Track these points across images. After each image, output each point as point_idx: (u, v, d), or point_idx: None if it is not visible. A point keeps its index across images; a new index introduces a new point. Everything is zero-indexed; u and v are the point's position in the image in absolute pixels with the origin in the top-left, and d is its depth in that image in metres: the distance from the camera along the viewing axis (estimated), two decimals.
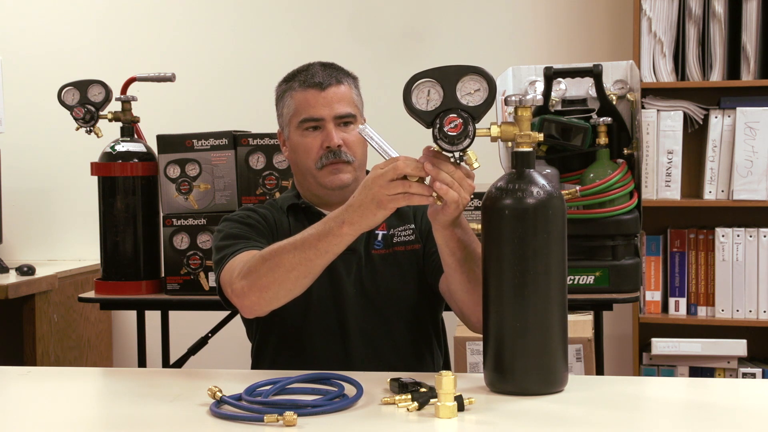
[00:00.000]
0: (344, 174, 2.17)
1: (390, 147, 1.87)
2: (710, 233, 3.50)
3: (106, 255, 3.03)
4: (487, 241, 1.76)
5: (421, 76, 1.82)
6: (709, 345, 3.41)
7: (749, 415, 1.69)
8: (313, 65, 2.23)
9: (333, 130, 2.16)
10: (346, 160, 2.17)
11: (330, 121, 2.17)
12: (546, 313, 1.73)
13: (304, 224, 2.21)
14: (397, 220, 2.23)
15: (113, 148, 3.02)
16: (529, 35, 3.78)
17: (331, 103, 2.17)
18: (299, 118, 2.19)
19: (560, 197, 1.75)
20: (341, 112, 2.17)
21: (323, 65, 2.23)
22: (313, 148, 2.18)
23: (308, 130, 2.19)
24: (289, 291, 1.96)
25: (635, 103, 2.77)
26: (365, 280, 2.19)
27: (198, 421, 1.66)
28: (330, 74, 2.19)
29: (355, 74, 2.26)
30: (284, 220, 2.24)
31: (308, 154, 2.18)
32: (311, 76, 2.19)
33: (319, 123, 2.18)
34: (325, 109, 2.17)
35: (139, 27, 4.01)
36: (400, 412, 1.67)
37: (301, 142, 2.19)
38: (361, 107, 2.25)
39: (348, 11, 3.89)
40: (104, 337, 3.94)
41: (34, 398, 1.90)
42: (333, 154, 2.16)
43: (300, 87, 2.19)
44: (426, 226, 2.21)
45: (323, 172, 2.17)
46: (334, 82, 2.19)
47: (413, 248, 2.21)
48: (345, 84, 2.20)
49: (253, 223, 2.20)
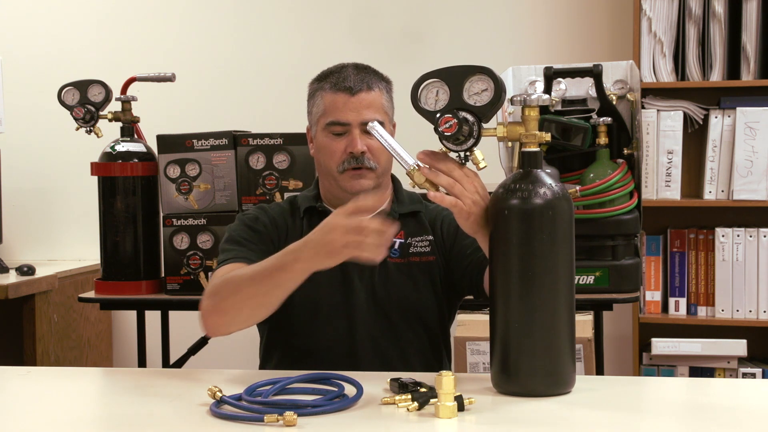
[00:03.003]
0: (365, 180, 2.17)
1: (400, 146, 1.88)
2: (710, 233, 3.50)
3: (106, 255, 3.03)
4: (495, 240, 1.76)
5: (429, 76, 1.83)
6: (709, 345, 3.41)
7: (749, 415, 1.69)
8: (346, 67, 2.22)
9: (358, 136, 2.16)
10: (369, 167, 2.17)
11: (356, 126, 2.17)
12: (553, 314, 1.73)
13: None
14: (416, 229, 2.23)
15: (113, 148, 3.02)
16: (529, 35, 3.78)
17: (359, 108, 2.17)
18: (326, 120, 2.19)
19: (567, 197, 1.75)
20: (368, 118, 2.16)
21: (357, 68, 2.21)
22: (337, 151, 2.18)
23: (334, 133, 2.19)
24: (247, 318, 1.97)
25: (635, 103, 2.77)
26: (377, 287, 2.18)
27: (198, 421, 1.66)
28: (362, 79, 2.18)
29: (388, 78, 2.26)
30: (298, 223, 2.24)
31: (332, 156, 2.18)
32: (343, 80, 2.18)
33: (346, 128, 2.17)
34: (353, 114, 2.17)
35: (139, 27, 4.00)
36: (400, 412, 1.67)
37: (326, 144, 2.19)
38: (391, 113, 2.25)
39: (348, 11, 3.89)
40: (104, 337, 3.94)
41: (34, 398, 1.90)
42: (356, 159, 2.16)
43: (331, 89, 2.19)
44: (448, 238, 2.21)
45: (344, 176, 2.18)
46: (365, 87, 2.18)
47: (428, 260, 2.21)
48: (376, 89, 2.19)
49: (261, 228, 2.20)
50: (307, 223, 2.23)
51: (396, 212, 2.23)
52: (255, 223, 2.21)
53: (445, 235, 2.23)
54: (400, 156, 1.88)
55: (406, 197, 2.28)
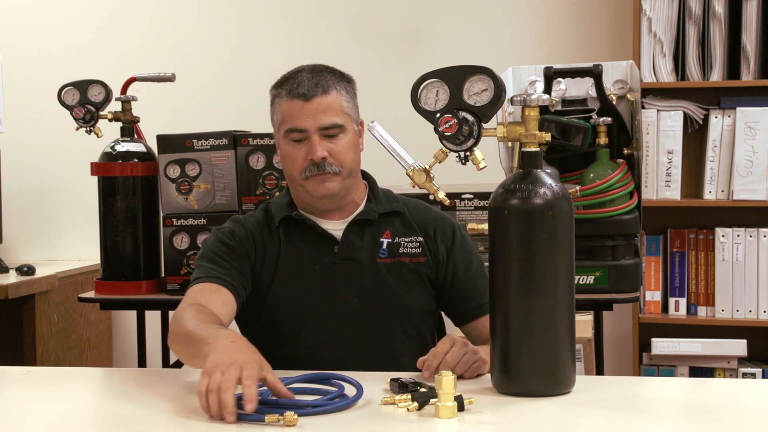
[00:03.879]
0: (330, 183, 2.14)
1: (400, 146, 1.88)
2: (710, 233, 3.50)
3: (106, 255, 3.03)
4: (495, 241, 1.76)
5: (429, 76, 1.83)
6: (709, 345, 3.41)
7: (749, 415, 1.69)
8: (301, 72, 2.17)
9: (318, 142, 2.12)
10: (332, 172, 2.13)
11: (314, 132, 2.13)
12: (553, 314, 1.73)
13: (294, 238, 2.19)
14: (403, 229, 2.21)
15: (113, 148, 3.02)
16: (529, 35, 3.78)
17: (316, 114, 2.12)
18: (285, 128, 2.16)
19: (567, 197, 1.75)
20: (325, 123, 2.12)
21: (312, 72, 2.16)
22: (298, 158, 2.14)
23: (294, 140, 2.15)
24: (185, 362, 1.96)
25: (635, 103, 2.77)
26: (369, 289, 2.17)
27: (198, 421, 1.66)
28: (317, 83, 2.13)
29: (350, 76, 2.21)
30: (275, 234, 2.20)
31: (294, 164, 2.15)
32: (297, 85, 2.13)
33: (304, 134, 2.14)
34: (309, 120, 2.12)
35: (139, 27, 4.00)
36: (400, 412, 1.67)
37: (288, 152, 2.16)
38: (354, 112, 2.19)
39: (348, 11, 3.89)
40: (104, 337, 3.94)
41: (34, 398, 1.89)
42: (317, 166, 2.12)
43: (287, 95, 2.15)
44: (446, 254, 2.20)
45: (309, 182, 2.14)
46: (320, 92, 2.12)
47: (419, 261, 2.20)
48: (333, 92, 2.14)
49: (235, 244, 2.18)
50: (284, 232, 2.20)
51: (375, 212, 2.20)
52: (231, 238, 2.18)
53: (439, 244, 2.21)
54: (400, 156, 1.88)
55: (383, 196, 2.25)
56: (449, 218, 2.27)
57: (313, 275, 2.17)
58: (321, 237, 2.18)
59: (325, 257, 2.18)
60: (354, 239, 2.18)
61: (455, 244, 2.21)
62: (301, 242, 2.19)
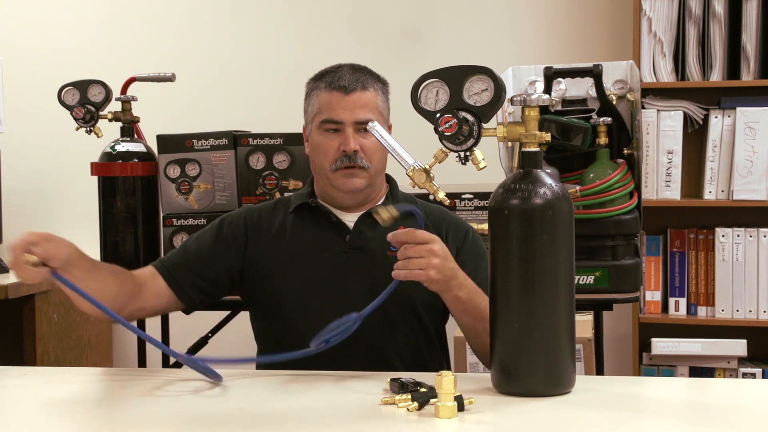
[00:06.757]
0: (357, 179, 2.20)
1: (400, 146, 1.88)
2: (710, 233, 3.50)
3: (106, 255, 3.02)
4: (494, 241, 1.77)
5: (429, 76, 1.84)
6: (709, 345, 3.41)
7: (749, 415, 1.70)
8: (342, 67, 2.24)
9: (351, 135, 2.19)
10: (362, 166, 2.19)
11: (350, 125, 2.19)
12: (553, 314, 1.73)
13: (308, 224, 2.25)
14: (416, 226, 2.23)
15: (113, 148, 3.02)
16: (529, 35, 3.78)
17: (354, 108, 2.19)
18: (321, 118, 2.22)
19: (567, 197, 1.75)
20: (361, 117, 2.18)
21: (353, 68, 2.24)
22: (330, 149, 2.20)
23: (328, 132, 2.21)
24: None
25: (635, 103, 2.77)
26: (376, 280, 2.17)
27: (199, 421, 1.66)
28: (357, 78, 2.21)
29: (385, 79, 2.28)
30: (287, 220, 2.26)
31: (325, 154, 2.21)
32: (338, 79, 2.20)
33: (339, 126, 2.20)
34: (346, 113, 2.19)
35: (139, 27, 4.00)
36: (400, 412, 1.68)
37: (320, 142, 2.22)
38: (387, 114, 2.26)
39: (348, 11, 3.89)
40: (104, 337, 3.94)
41: (34, 398, 1.90)
42: (348, 158, 2.18)
43: (326, 88, 2.21)
44: (455, 253, 2.19)
45: (337, 174, 2.20)
46: (360, 87, 2.20)
47: None
48: (371, 90, 2.22)
49: (225, 237, 2.25)
50: (297, 217, 2.26)
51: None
52: (225, 229, 2.26)
53: (450, 243, 2.21)
54: (399, 156, 1.88)
55: (402, 198, 2.30)
56: (465, 222, 2.32)
57: (322, 262, 2.21)
58: (334, 225, 2.24)
59: (336, 245, 2.22)
60: (366, 230, 2.22)
61: (466, 244, 2.24)
62: (315, 228, 2.24)
